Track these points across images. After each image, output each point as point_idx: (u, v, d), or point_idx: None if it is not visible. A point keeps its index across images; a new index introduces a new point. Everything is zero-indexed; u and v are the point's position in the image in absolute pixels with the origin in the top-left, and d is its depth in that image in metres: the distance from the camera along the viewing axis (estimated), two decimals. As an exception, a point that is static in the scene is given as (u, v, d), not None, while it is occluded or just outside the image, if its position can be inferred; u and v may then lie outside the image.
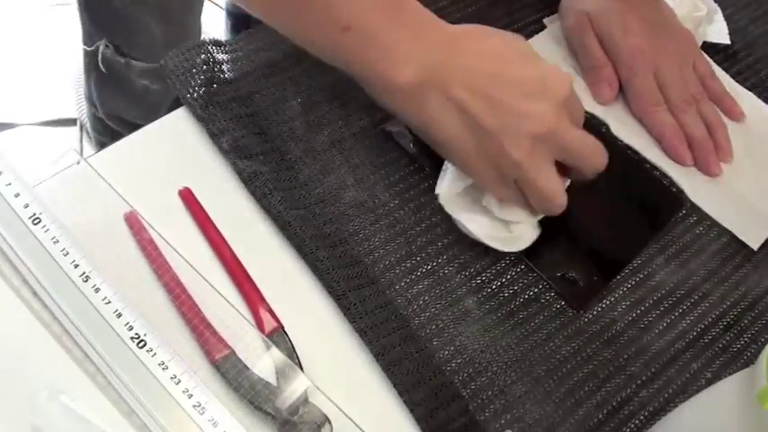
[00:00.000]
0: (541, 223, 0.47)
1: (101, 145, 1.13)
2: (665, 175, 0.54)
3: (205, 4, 0.98)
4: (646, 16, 0.57)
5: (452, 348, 0.43)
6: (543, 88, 0.43)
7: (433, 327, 0.44)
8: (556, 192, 0.44)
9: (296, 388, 0.39)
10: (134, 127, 0.50)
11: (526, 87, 0.43)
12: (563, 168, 0.45)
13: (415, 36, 0.44)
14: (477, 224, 0.46)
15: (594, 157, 0.45)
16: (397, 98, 0.45)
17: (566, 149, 0.44)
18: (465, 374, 0.43)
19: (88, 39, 0.95)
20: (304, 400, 0.39)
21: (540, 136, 0.42)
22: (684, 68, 0.58)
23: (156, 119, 0.50)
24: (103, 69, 0.96)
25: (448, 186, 0.47)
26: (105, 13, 0.89)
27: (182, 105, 0.50)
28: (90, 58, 0.96)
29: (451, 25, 0.45)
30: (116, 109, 1.03)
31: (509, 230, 0.46)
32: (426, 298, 0.45)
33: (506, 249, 0.46)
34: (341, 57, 0.45)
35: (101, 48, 0.92)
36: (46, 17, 1.44)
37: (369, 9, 0.43)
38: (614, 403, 0.43)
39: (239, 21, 1.26)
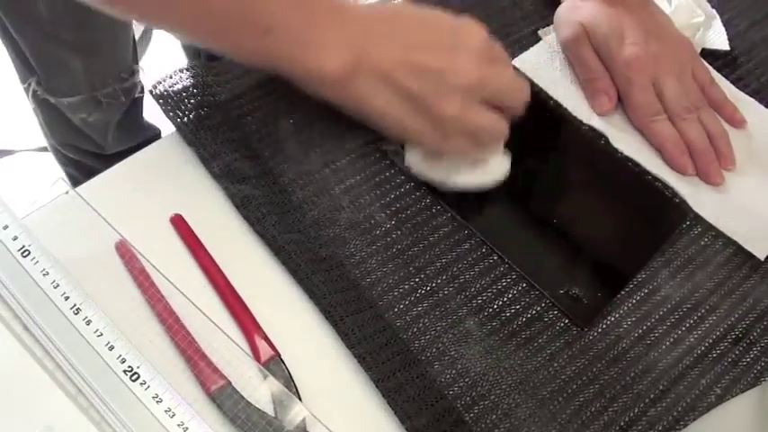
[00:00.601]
0: (543, 238, 0.47)
1: (70, 177, 1.09)
2: (666, 186, 0.53)
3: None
4: (642, 25, 0.56)
5: (454, 372, 0.42)
6: (457, 42, 0.46)
7: (434, 350, 0.43)
8: (497, 124, 0.47)
9: (294, 418, 0.39)
10: (95, 155, 0.48)
11: (441, 46, 0.46)
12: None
13: (335, 26, 0.45)
14: (449, 176, 0.48)
15: (519, 92, 0.49)
16: (329, 87, 0.46)
17: (494, 93, 0.47)
18: (468, 398, 0.42)
19: (21, 76, 0.93)
20: (302, 431, 0.38)
21: (467, 87, 0.46)
22: (683, 76, 0.57)
23: (108, 144, 0.50)
24: (36, 106, 0.94)
25: (413, 155, 0.49)
26: (24, 51, 0.87)
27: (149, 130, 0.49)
28: (28, 95, 0.95)
29: (366, 7, 0.48)
30: (69, 139, 1.01)
31: (481, 169, 0.49)
32: (426, 320, 0.44)
33: (487, 186, 0.49)
34: (266, 58, 0.46)
35: (32, 86, 0.91)
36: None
37: (286, 6, 0.45)
38: (622, 423, 0.42)
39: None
